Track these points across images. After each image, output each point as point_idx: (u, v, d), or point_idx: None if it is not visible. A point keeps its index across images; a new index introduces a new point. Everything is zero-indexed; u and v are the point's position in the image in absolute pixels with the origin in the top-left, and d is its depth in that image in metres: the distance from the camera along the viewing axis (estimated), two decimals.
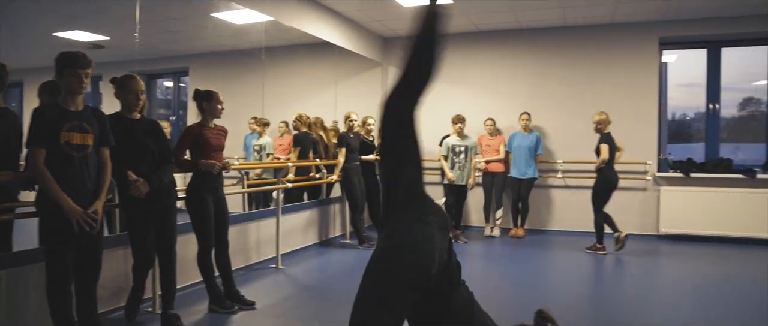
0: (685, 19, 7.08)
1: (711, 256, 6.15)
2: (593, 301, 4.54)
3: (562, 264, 5.90)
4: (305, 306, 4.34)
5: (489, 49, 7.93)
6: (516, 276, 5.33)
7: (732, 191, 6.88)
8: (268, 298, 4.42)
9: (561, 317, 2.25)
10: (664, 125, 7.83)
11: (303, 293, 4.71)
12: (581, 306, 4.37)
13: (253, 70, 6.52)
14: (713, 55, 7.44)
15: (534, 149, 7.23)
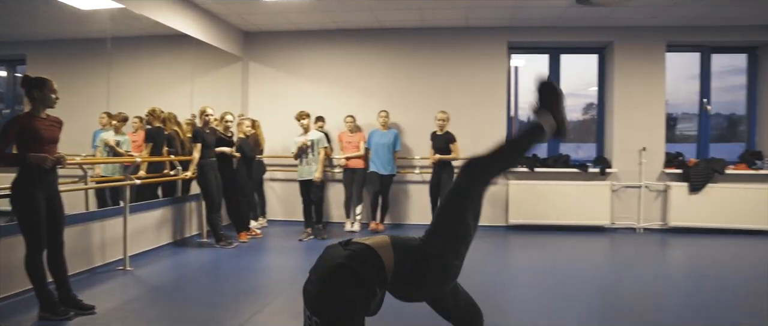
0: (530, 26, 7.66)
1: (554, 244, 6.69)
2: None
3: None
4: (151, 307, 4.14)
5: (349, 47, 8.05)
6: None
7: (569, 184, 7.57)
8: (111, 302, 4.16)
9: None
10: (515, 124, 8.44)
11: (150, 294, 4.49)
12: None
13: (99, 60, 6.10)
14: (554, 61, 8.13)
15: (392, 146, 7.45)
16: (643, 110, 7.65)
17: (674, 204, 7.44)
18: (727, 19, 7.18)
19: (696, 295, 4.56)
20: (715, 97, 8.05)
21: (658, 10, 6.83)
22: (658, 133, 7.65)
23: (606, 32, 7.65)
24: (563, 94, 2.45)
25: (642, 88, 7.65)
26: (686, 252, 6.47)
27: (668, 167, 7.65)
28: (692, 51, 7.98)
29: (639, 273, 5.30)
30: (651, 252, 6.42)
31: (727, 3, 6.49)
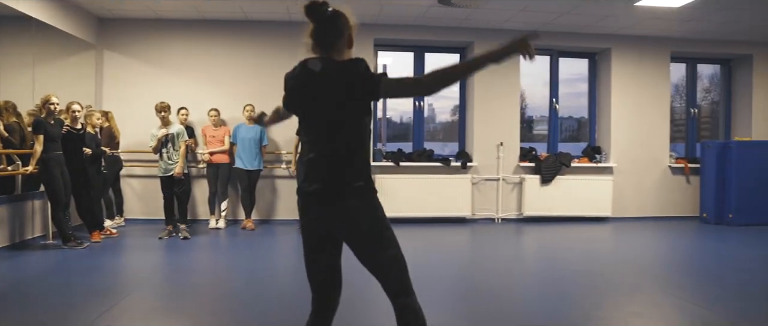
0: (395, 23, 7.86)
1: (419, 236, 6.91)
2: None
3: (288, 251, 6.09)
4: None
5: (215, 39, 7.78)
6: (245, 266, 5.32)
7: (433, 177, 7.88)
8: None
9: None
10: (384, 120, 8.65)
11: None
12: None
13: None
14: (419, 60, 8.41)
15: (259, 141, 7.31)
16: (501, 108, 8.14)
17: (528, 195, 8.01)
18: (571, 26, 7.84)
19: (547, 277, 4.94)
20: (567, 102, 8.78)
21: (510, 14, 7.30)
22: (513, 130, 8.18)
23: (467, 33, 8.05)
24: None
25: (499, 88, 8.13)
26: (538, 238, 6.98)
27: (523, 161, 8.22)
28: (543, 54, 8.63)
29: (497, 260, 5.64)
30: (508, 240, 6.84)
31: (570, 11, 7.09)
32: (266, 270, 4.99)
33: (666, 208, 8.62)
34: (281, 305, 3.87)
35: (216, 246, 6.21)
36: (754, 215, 7.96)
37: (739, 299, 4.13)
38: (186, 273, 4.91)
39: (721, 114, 9.49)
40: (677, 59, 8.99)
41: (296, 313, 3.62)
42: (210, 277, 4.88)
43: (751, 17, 7.37)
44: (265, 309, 3.77)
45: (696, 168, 8.63)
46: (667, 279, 4.80)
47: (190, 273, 4.97)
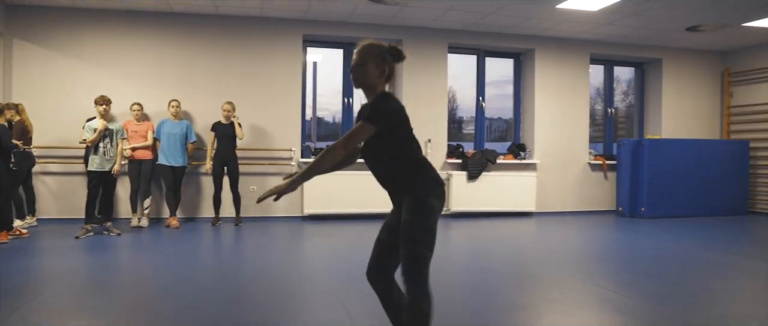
0: (325, 20, 7.83)
1: (350, 232, 6.91)
2: (260, 280, 4.65)
3: (213, 250, 5.94)
4: None
5: (138, 31, 7.49)
6: (168, 265, 5.15)
7: (363, 174, 7.87)
8: None
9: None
10: (314, 119, 8.61)
11: None
12: (255, 284, 4.44)
13: None
14: (348, 56, 8.41)
15: (185, 137, 7.12)
16: (429, 106, 8.27)
17: (455, 191, 8.17)
18: (497, 26, 8.06)
19: (473, 268, 5.05)
20: (497, 103, 9.04)
21: (438, 13, 7.43)
22: (441, 126, 8.33)
23: (396, 31, 8.12)
24: None
25: (428, 85, 8.27)
26: (465, 233, 7.12)
27: (450, 158, 8.38)
28: (470, 53, 8.83)
29: None
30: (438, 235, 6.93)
31: (495, 12, 7.29)
32: (189, 269, 4.85)
33: (585, 203, 9.01)
34: (203, 304, 3.77)
35: (138, 245, 5.98)
36: (663, 208, 8.46)
37: (647, 283, 4.39)
38: (104, 273, 4.70)
39: (635, 114, 10.02)
40: (596, 61, 9.43)
41: (218, 312, 3.55)
42: (130, 277, 4.69)
43: (660, 24, 7.83)
44: (185, 308, 3.66)
45: (613, 164, 9.08)
46: (585, 269, 5.02)
47: (108, 272, 4.76)
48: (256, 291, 4.08)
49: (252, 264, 5.04)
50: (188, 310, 3.59)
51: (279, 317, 3.47)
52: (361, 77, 2.43)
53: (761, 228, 7.80)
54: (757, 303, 4.04)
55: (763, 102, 9.12)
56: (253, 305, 3.73)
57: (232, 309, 3.58)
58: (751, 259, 5.50)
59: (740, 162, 9.10)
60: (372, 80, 2.41)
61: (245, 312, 3.55)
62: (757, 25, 7.84)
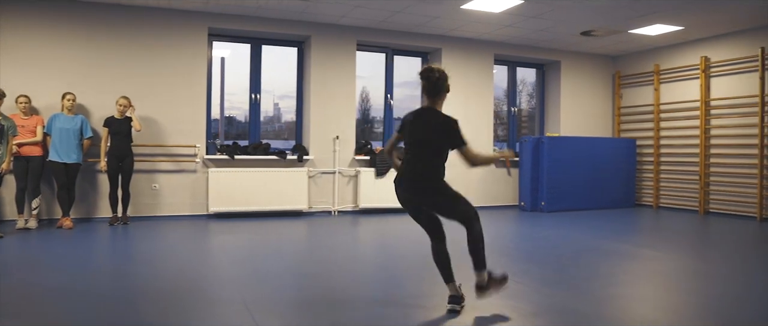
0: (231, 13, 7.64)
1: (255, 230, 6.78)
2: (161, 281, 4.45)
3: (109, 251, 5.65)
4: None
5: (29, 19, 6.97)
6: (58, 268, 4.83)
7: (269, 170, 7.79)
8: None
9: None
10: (221, 118, 8.40)
11: None
12: (158, 285, 4.23)
13: None
14: (256, 51, 8.27)
15: (80, 132, 6.72)
16: (337, 102, 8.28)
17: (363, 187, 8.22)
18: (404, 25, 8.19)
19: (380, 263, 5.09)
20: (409, 104, 9.17)
21: (346, 9, 7.45)
22: (349, 123, 8.36)
23: (304, 26, 8.07)
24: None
25: (336, 81, 8.27)
26: (373, 229, 7.18)
27: (358, 154, 8.42)
28: (379, 51, 8.92)
29: (334, 250, 5.71)
30: (344, 232, 6.95)
31: (402, 10, 7.41)
32: (81, 271, 4.58)
33: (490, 199, 9.34)
34: (96, 308, 3.58)
35: (25, 248, 5.57)
36: (561, 202, 8.92)
37: (543, 270, 4.63)
38: None
39: (536, 113, 10.51)
40: (500, 62, 9.80)
41: (113, 317, 3.38)
42: (14, 280, 4.36)
43: (557, 28, 8.25)
44: (76, 312, 3.46)
45: (516, 161, 9.47)
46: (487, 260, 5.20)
47: None
48: (155, 294, 3.91)
49: (151, 265, 4.83)
50: (79, 315, 3.39)
51: (178, 320, 3.34)
52: (439, 99, 3.69)
53: (645, 218, 8.40)
54: (638, 284, 4.35)
55: (647, 103, 9.83)
56: (151, 308, 3.57)
57: (128, 313, 3.42)
58: (635, 246, 5.92)
59: (628, 158, 9.77)
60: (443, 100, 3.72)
61: (142, 315, 3.40)
62: (641, 33, 8.44)
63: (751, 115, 8.19)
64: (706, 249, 6.18)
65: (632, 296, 4.00)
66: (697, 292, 4.19)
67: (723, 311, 3.62)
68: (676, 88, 9.36)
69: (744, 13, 7.40)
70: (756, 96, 8.08)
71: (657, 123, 9.62)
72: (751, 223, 7.74)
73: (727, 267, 5.02)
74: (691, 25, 8.09)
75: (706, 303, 3.85)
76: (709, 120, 8.79)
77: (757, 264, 5.28)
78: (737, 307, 3.71)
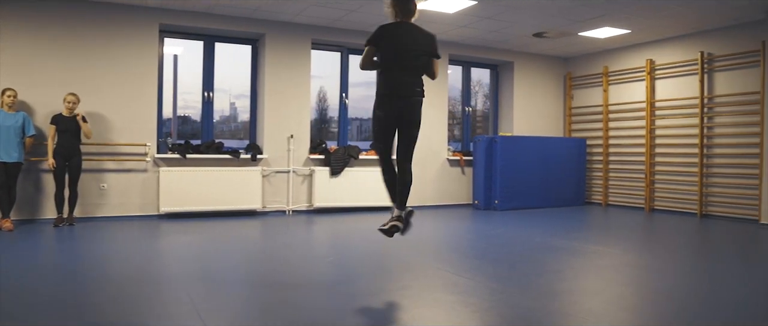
0: (182, 9, 7.49)
1: (208, 231, 6.66)
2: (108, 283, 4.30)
3: (53, 254, 5.46)
4: None
5: None
6: None
7: (222, 170, 7.67)
8: None
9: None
10: (174, 114, 8.23)
11: None
12: (105, 288, 4.09)
13: None
14: (209, 49, 8.13)
15: (21, 130, 6.47)
16: (292, 100, 8.22)
17: (318, 186, 8.19)
18: (360, 24, 8.19)
19: (334, 261, 5.08)
20: (364, 104, 9.16)
21: (301, 7, 7.41)
22: (304, 122, 8.31)
23: (258, 24, 7.98)
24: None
25: (291, 80, 8.21)
26: (327, 228, 7.16)
27: (313, 153, 8.38)
28: (334, 50, 8.90)
29: (288, 250, 5.67)
30: (298, 231, 6.91)
31: (358, 9, 7.41)
32: (21, 274, 4.41)
33: (444, 197, 9.44)
34: (37, 312, 3.45)
35: None
36: (514, 200, 9.09)
37: (494, 267, 4.70)
38: None
39: (490, 112, 10.67)
40: (455, 62, 9.91)
41: (55, 321, 3.27)
42: None
43: (510, 29, 8.40)
44: (12, 318, 3.33)
45: (470, 160, 9.59)
46: (439, 257, 5.27)
47: None
48: (102, 296, 3.79)
49: (98, 267, 4.69)
50: (20, 320, 3.26)
51: (125, 323, 3.24)
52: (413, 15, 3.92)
53: (594, 216, 8.64)
54: (585, 279, 4.47)
55: (596, 104, 10.11)
56: (97, 311, 3.45)
57: (72, 317, 3.30)
58: (584, 243, 6.08)
59: (579, 157, 10.02)
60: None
61: (88, 319, 3.28)
62: (591, 35, 8.68)
63: (692, 116, 8.52)
64: (650, 244, 6.39)
65: (579, 291, 4.11)
66: (641, 285, 4.34)
67: (666, 303, 3.75)
68: (623, 89, 9.66)
69: (686, 18, 7.69)
70: (696, 97, 8.41)
71: (606, 123, 9.90)
72: (692, 219, 8.06)
73: (669, 261, 5.21)
74: (637, 29, 8.35)
75: (649, 296, 3.99)
76: (654, 120, 9.10)
77: (697, 258, 5.50)
78: (679, 299, 3.85)
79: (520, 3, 7.09)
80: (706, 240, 6.64)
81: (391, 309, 3.57)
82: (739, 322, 3.31)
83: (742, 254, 5.78)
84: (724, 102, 8.19)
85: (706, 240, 6.69)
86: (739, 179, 7.96)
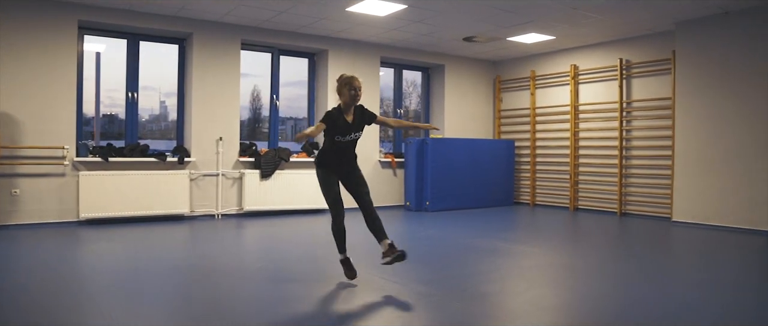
0: (104, 6, 7.18)
1: (132, 236, 6.41)
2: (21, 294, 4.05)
3: None
4: None
5: None
6: None
7: (147, 173, 7.41)
8: None
9: None
10: (97, 114, 7.87)
11: None
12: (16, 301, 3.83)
13: None
14: (133, 47, 7.83)
15: None
16: (220, 103, 8.04)
17: (248, 190, 8.05)
18: (290, 25, 8.11)
19: (265, 267, 5.00)
20: (299, 103, 9.04)
21: (229, 8, 7.26)
22: (233, 124, 8.15)
23: (185, 23, 7.76)
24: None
25: (219, 81, 8.03)
26: (258, 232, 7.04)
27: (243, 156, 8.23)
28: (265, 51, 8.77)
29: (216, 256, 5.53)
30: (227, 236, 6.75)
31: (287, 11, 7.33)
32: None
33: (376, 199, 9.33)
34: None
35: None
36: (445, 201, 9.24)
37: (423, 269, 4.76)
38: None
39: (422, 114, 10.80)
40: (386, 64, 9.97)
41: None
42: None
43: (441, 33, 8.54)
44: None
45: (401, 162, 9.68)
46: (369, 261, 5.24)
47: None
48: (11, 312, 3.58)
49: (8, 277, 4.43)
50: None
51: None
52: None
53: (522, 216, 8.91)
54: (510, 280, 4.59)
55: (524, 107, 10.43)
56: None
57: None
58: (511, 243, 6.25)
59: (508, 159, 10.30)
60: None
61: None
62: (518, 41, 8.94)
63: (612, 120, 8.93)
64: (572, 244, 6.64)
65: (504, 292, 4.22)
66: (561, 286, 4.50)
67: (583, 302, 3.91)
68: (549, 93, 10.00)
69: (606, 26, 8.05)
70: (616, 102, 8.82)
71: (533, 125, 10.22)
72: (612, 218, 8.44)
73: (589, 261, 5.43)
74: (561, 35, 8.67)
75: (568, 296, 4.15)
76: (578, 123, 9.47)
77: (614, 257, 5.76)
78: (595, 298, 4.03)
79: (449, 7, 7.21)
80: (623, 239, 6.96)
81: (319, 316, 3.55)
82: (651, 320, 3.49)
83: (656, 252, 6.10)
84: (640, 106, 8.63)
85: (623, 239, 7.01)
86: (654, 179, 8.41)
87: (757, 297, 4.16)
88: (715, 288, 4.30)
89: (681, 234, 7.05)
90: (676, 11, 7.26)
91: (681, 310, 3.68)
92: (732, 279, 4.62)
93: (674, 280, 4.56)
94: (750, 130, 7.07)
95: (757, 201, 6.99)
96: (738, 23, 7.15)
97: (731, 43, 7.24)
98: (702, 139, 7.54)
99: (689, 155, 7.68)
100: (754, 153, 7.03)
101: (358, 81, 4.39)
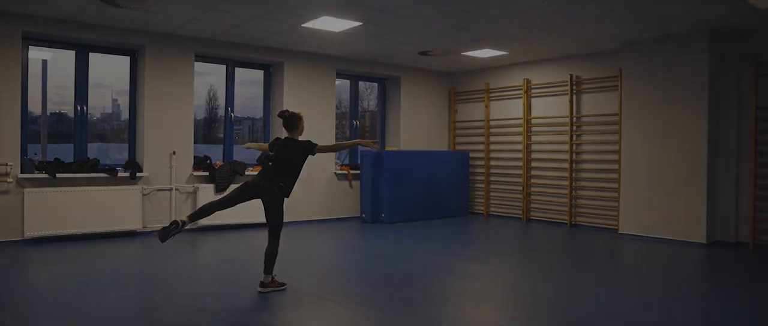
0: (51, 16, 6.96)
1: (81, 255, 6.26)
2: None
3: None
4: None
5: None
6: None
7: (97, 189, 7.24)
8: None
9: None
10: (44, 125, 7.61)
11: None
12: None
13: None
14: (82, 59, 7.63)
15: None
16: (174, 116, 7.91)
17: (203, 203, 7.91)
18: (246, 38, 8.05)
19: (217, 278, 4.96)
20: (257, 103, 8.96)
21: (184, 20, 7.15)
22: (187, 137, 8.03)
23: (138, 35, 7.60)
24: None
25: (173, 94, 7.90)
26: (212, 247, 6.96)
27: (197, 170, 8.12)
28: (219, 63, 8.67)
29: (171, 271, 5.46)
30: (181, 251, 6.66)
31: (243, 25, 7.27)
32: None
33: (332, 211, 9.49)
34: None
35: None
36: (401, 213, 9.33)
37: (376, 294, 4.80)
38: None
39: (378, 126, 10.86)
40: (342, 76, 9.99)
41: None
42: None
43: (396, 47, 8.62)
44: None
45: (357, 174, 9.72)
46: (323, 282, 5.28)
47: None
48: None
49: None
50: None
51: None
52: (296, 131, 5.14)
53: (476, 227, 9.07)
54: (463, 304, 4.68)
55: (478, 118, 10.61)
56: None
57: None
58: (464, 261, 6.36)
59: (462, 170, 10.47)
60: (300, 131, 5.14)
61: None
62: (472, 55, 9.10)
63: (563, 133, 9.19)
64: (524, 258, 6.80)
65: (457, 317, 4.30)
66: (513, 305, 4.62)
67: (542, 322, 4.04)
68: (503, 105, 10.21)
69: (558, 43, 8.27)
70: (567, 116, 9.08)
71: (487, 137, 10.41)
72: (563, 229, 8.69)
73: (539, 276, 5.58)
74: (515, 51, 8.87)
75: (521, 317, 4.26)
76: (531, 136, 9.70)
77: (564, 272, 5.93)
78: (547, 318, 4.15)
79: (404, 24, 7.29)
80: (572, 251, 7.18)
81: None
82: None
83: (604, 265, 6.32)
84: (589, 121, 8.91)
85: (572, 251, 7.23)
86: (602, 192, 8.70)
87: (695, 307, 4.36)
88: (653, 304, 4.49)
89: (626, 247, 7.31)
90: (622, 31, 7.53)
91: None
92: (670, 294, 4.83)
93: (617, 300, 4.74)
94: (690, 146, 7.39)
95: (696, 215, 7.32)
96: (679, 45, 7.48)
97: (673, 62, 7.56)
98: (646, 153, 7.84)
99: (634, 169, 7.98)
100: (693, 168, 7.35)
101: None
